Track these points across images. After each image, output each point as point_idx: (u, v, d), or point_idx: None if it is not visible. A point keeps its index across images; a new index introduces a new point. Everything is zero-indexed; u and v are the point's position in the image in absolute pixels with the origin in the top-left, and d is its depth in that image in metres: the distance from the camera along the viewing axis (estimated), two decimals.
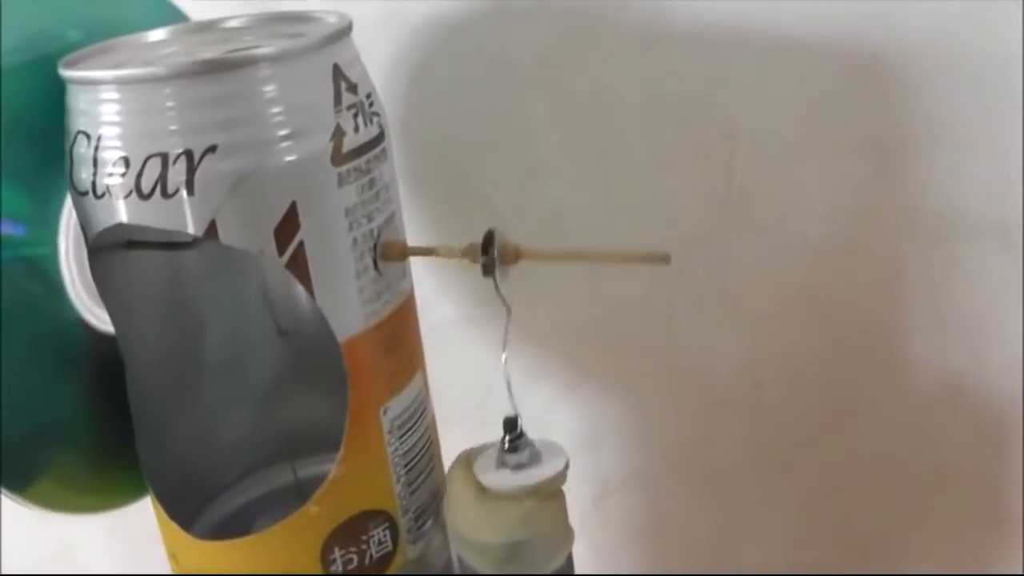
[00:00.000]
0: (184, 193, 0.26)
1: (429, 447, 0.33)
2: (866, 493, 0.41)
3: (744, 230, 0.39)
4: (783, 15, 0.35)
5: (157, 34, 0.31)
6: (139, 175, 0.26)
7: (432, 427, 0.33)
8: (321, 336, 0.31)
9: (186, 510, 0.33)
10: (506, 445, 0.30)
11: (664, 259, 0.28)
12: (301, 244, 0.27)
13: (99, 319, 0.33)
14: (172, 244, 0.31)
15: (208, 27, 0.32)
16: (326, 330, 0.29)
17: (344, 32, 0.28)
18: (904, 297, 0.38)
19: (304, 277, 0.27)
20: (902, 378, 0.39)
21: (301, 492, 0.34)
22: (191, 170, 0.26)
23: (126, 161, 0.26)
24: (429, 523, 0.33)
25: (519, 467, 0.30)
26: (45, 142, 0.30)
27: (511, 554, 0.30)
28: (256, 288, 0.34)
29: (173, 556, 0.32)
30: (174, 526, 0.31)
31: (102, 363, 0.33)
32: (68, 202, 0.32)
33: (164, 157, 0.26)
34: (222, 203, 0.26)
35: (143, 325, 0.32)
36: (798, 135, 0.37)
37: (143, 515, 0.57)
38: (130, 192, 0.26)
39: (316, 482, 0.31)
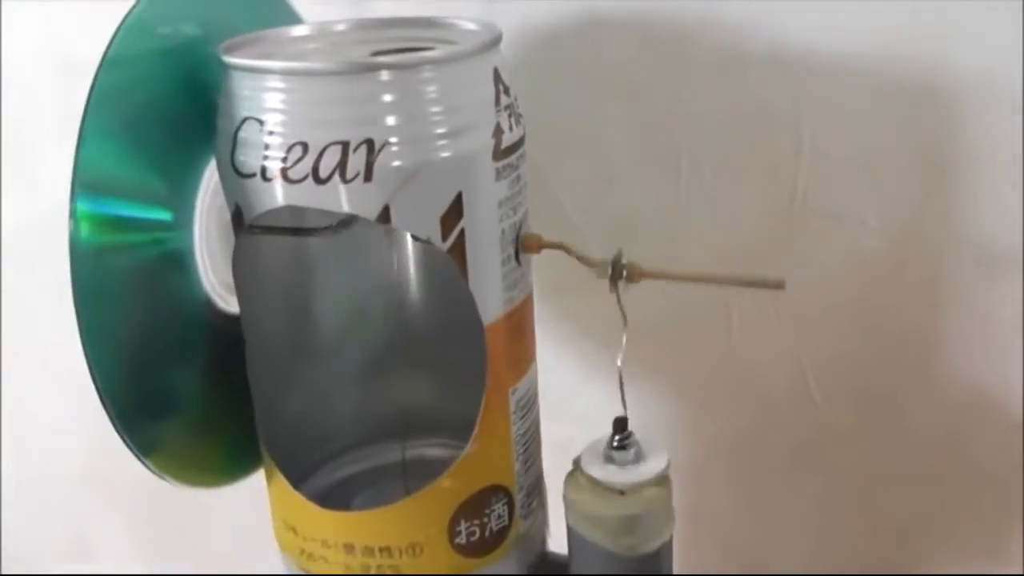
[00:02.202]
0: (362, 179, 0.28)
1: (538, 429, 0.35)
2: (899, 491, 0.45)
3: (802, 240, 0.42)
4: (853, 41, 0.38)
5: (299, 30, 0.33)
6: (317, 161, 0.28)
7: (539, 411, 0.35)
8: (436, 322, 0.32)
9: (293, 478, 0.34)
10: (615, 443, 0.33)
11: (779, 284, 0.31)
12: (462, 232, 0.29)
13: (224, 300, 0.34)
14: (310, 229, 0.33)
15: (351, 27, 0.34)
16: (441, 316, 0.31)
17: (499, 39, 0.30)
18: (945, 311, 0.42)
19: (462, 263, 0.29)
20: (937, 385, 0.43)
21: (406, 472, 0.36)
22: (371, 158, 0.28)
23: (304, 147, 0.28)
24: (535, 501, 0.35)
25: (625, 464, 0.33)
26: (179, 128, 0.32)
27: (627, 527, 0.32)
28: (376, 275, 0.35)
29: (291, 529, 0.34)
30: (298, 498, 0.33)
31: (221, 343, 0.34)
32: (204, 188, 0.33)
33: (345, 145, 0.28)
34: (397, 190, 0.28)
35: (272, 304, 0.34)
36: (859, 154, 0.40)
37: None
38: (306, 176, 0.28)
39: (422, 464, 0.33)
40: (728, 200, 0.42)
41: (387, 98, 0.28)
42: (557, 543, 0.38)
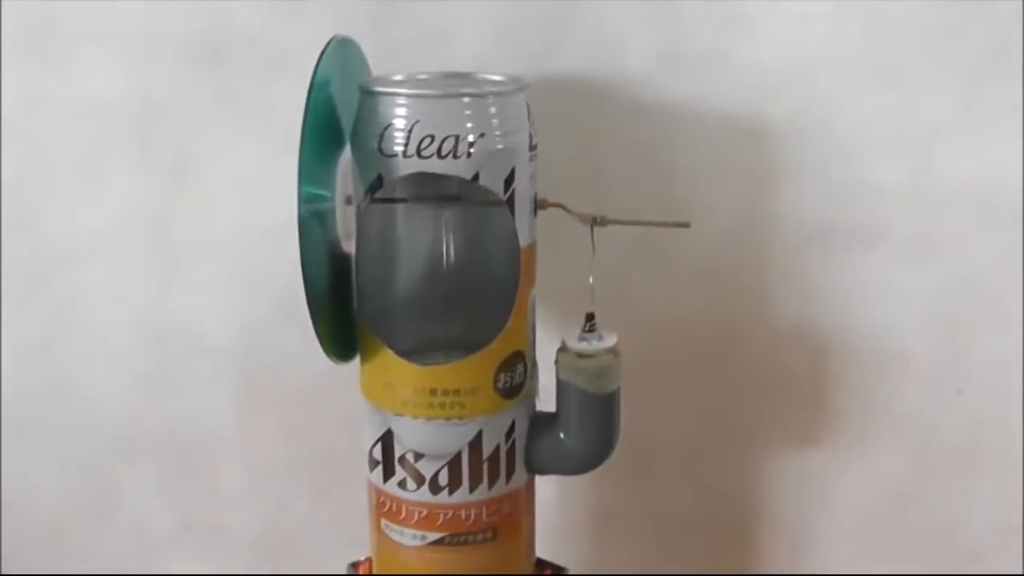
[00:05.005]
0: (467, 157, 0.49)
1: (535, 326, 0.56)
2: (742, 396, 0.69)
3: (678, 233, 0.65)
4: (714, 97, 0.63)
5: (399, 76, 0.54)
6: (441, 144, 0.49)
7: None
8: (471, 274, 0.53)
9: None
10: (586, 328, 0.54)
11: (686, 225, 0.54)
12: (513, 190, 0.51)
13: (343, 244, 0.54)
14: (394, 199, 0.53)
15: (429, 76, 0.55)
16: (477, 269, 0.52)
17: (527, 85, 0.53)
18: (770, 273, 0.67)
19: (511, 210, 0.51)
20: (766, 322, 0.68)
21: None
22: (471, 145, 0.49)
23: (432, 137, 0.49)
24: (534, 371, 0.56)
25: (592, 341, 0.54)
26: (327, 136, 0.52)
27: (600, 373, 0.54)
28: (435, 234, 0.56)
29: (390, 387, 0.53)
30: (400, 364, 0.52)
31: (339, 269, 0.54)
32: (339, 174, 0.53)
33: (457, 137, 0.49)
34: (485, 163, 0.49)
35: (373, 248, 0.54)
36: (711, 168, 0.65)
37: None
38: (432, 154, 0.49)
39: None
40: (626, 206, 0.64)
41: (487, 111, 0.49)
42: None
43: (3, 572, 0.78)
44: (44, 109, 0.67)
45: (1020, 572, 0.70)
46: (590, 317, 0.55)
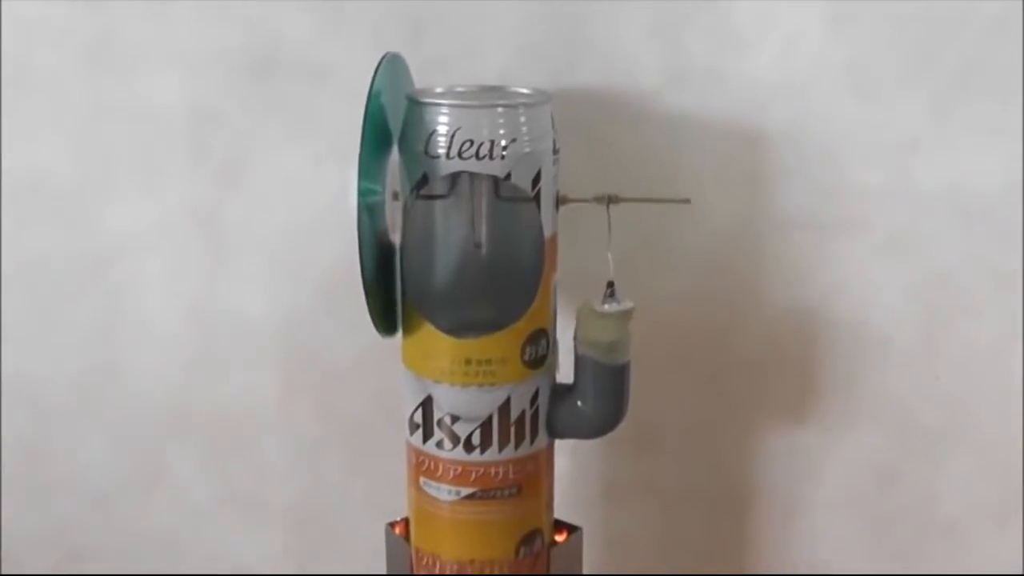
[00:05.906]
0: (500, 159, 0.56)
1: (555, 308, 0.63)
2: (738, 377, 0.77)
3: (679, 226, 0.73)
4: (709, 106, 0.71)
5: (440, 88, 0.61)
6: (479, 148, 0.56)
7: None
8: (503, 260, 0.61)
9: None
10: (608, 293, 0.62)
11: (686, 200, 0.62)
12: (540, 189, 0.58)
13: (388, 234, 0.61)
14: (436, 196, 0.61)
15: (466, 88, 0.62)
16: (507, 256, 0.59)
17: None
18: (764, 264, 0.75)
19: (538, 205, 0.59)
20: (760, 309, 0.75)
21: None
22: (504, 148, 0.56)
23: (471, 142, 0.56)
24: (555, 346, 0.63)
25: (612, 304, 0.62)
26: (378, 139, 0.59)
27: (611, 347, 0.61)
28: (469, 221, 0.63)
29: (431, 357, 0.60)
30: (438, 336, 0.60)
31: (385, 254, 0.61)
32: (388, 172, 0.60)
33: (492, 141, 0.56)
34: (516, 163, 0.57)
35: (417, 237, 0.61)
36: (711, 171, 0.72)
37: None
38: (472, 156, 0.56)
39: None
40: (634, 206, 0.72)
41: (512, 120, 0.57)
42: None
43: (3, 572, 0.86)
44: (109, 115, 0.75)
45: (1021, 572, 0.79)
46: (610, 284, 0.62)
